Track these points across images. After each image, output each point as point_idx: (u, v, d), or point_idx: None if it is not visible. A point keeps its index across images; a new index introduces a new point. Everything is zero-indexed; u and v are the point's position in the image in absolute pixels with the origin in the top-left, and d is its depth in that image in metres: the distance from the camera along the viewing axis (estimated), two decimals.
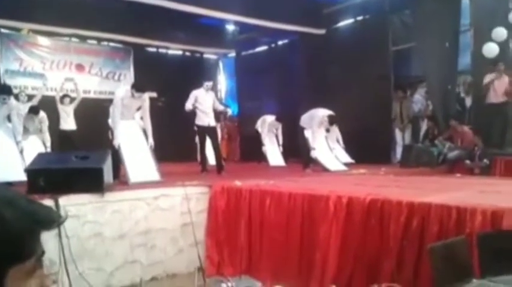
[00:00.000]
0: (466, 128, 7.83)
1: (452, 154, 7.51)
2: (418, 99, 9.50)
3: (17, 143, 6.33)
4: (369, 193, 4.06)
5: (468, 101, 8.95)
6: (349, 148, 9.11)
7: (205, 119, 7.48)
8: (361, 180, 6.09)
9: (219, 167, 7.43)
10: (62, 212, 0.76)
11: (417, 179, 6.01)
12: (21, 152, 6.31)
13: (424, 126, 9.21)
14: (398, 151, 9.16)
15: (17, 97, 7.71)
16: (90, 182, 4.61)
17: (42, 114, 7.86)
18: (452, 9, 8.37)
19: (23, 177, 5.35)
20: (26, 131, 7.17)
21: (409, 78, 10.08)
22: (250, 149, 11.15)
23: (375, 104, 9.19)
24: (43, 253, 0.73)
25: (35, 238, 0.72)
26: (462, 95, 9.24)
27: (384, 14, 9.41)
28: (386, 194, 4.06)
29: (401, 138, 9.51)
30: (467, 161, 7.13)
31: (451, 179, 6.13)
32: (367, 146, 8.70)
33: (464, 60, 8.64)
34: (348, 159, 8.75)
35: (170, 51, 12.52)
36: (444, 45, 8.33)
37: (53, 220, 0.74)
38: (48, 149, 7.61)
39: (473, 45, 8.22)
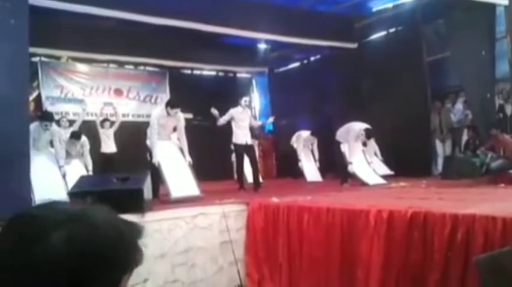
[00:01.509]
0: (507, 137, 7.58)
1: (495, 164, 7.27)
2: (458, 109, 9.28)
3: (60, 167, 6.55)
4: (410, 206, 3.98)
5: (508, 109, 8.68)
6: (388, 161, 8.95)
7: (243, 137, 7.53)
8: (402, 193, 5.97)
9: (257, 184, 7.45)
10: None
11: (460, 191, 5.84)
12: (63, 176, 6.53)
13: (464, 136, 8.97)
14: (439, 162, 8.95)
15: (58, 123, 7.99)
16: (131, 202, 4.71)
17: (84, 138, 8.11)
18: (487, 16, 8.19)
19: (66, 200, 5.53)
20: (68, 155, 7.42)
21: (446, 89, 9.88)
22: (286, 166, 11.14)
23: (412, 116, 9.03)
24: None
25: (138, 248, 0.77)
26: (501, 102, 8.98)
27: (416, 24, 9.29)
28: (428, 206, 3.96)
29: (442, 149, 9.30)
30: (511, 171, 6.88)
31: (494, 189, 5.93)
32: (406, 159, 8.52)
33: (502, 67, 8.41)
34: (387, 171, 8.59)
35: (204, 72, 12.74)
36: (480, 54, 8.14)
37: (142, 230, 0.79)
38: (90, 172, 7.82)
39: (510, 52, 8.01)
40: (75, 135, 7.93)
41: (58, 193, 6.11)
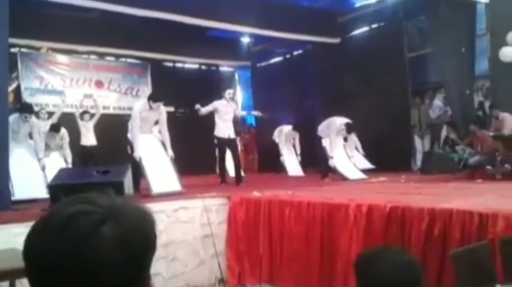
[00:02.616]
0: (486, 133, 7.72)
1: (472, 160, 7.41)
2: (437, 106, 9.42)
3: (39, 160, 6.47)
4: (389, 201, 4.04)
5: (487, 106, 8.84)
6: (368, 156, 9.06)
7: (226, 131, 7.51)
8: (381, 188, 6.05)
9: (238, 179, 7.46)
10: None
11: (438, 186, 5.94)
12: (43, 169, 6.45)
13: (443, 132, 9.11)
14: (418, 158, 9.07)
15: (37, 115, 7.86)
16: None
17: (63, 131, 8.00)
18: (467, 14, 8.31)
19: (45, 194, 5.48)
20: (47, 147, 7.32)
21: (426, 85, 10.02)
22: (268, 160, 11.18)
23: (392, 111, 9.13)
24: None
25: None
26: (481, 99, 9.14)
27: (398, 20, 9.38)
28: (407, 201, 4.03)
29: (420, 145, 9.43)
30: (489, 167, 7.01)
31: (472, 185, 6.05)
32: (386, 154, 8.64)
33: (482, 65, 8.55)
34: (368, 165, 8.68)
35: (186, 65, 12.66)
36: (460, 51, 8.27)
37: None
38: (70, 165, 7.73)
39: (489, 49, 8.15)
40: (54, 128, 7.82)
41: (37, 185, 6.04)
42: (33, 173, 6.27)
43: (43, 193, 5.78)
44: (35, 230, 0.71)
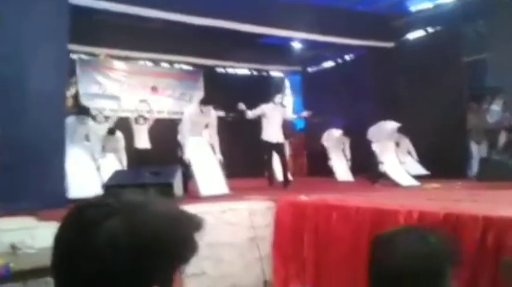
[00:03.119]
0: None
1: None
2: (495, 111, 9.01)
3: (95, 160, 6.75)
4: (442, 207, 3.91)
5: None
6: (422, 162, 8.78)
7: (273, 135, 7.53)
8: (435, 195, 5.85)
9: (286, 182, 7.46)
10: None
11: (494, 194, 5.68)
12: (98, 169, 6.72)
13: (502, 138, 8.70)
14: (474, 164, 8.71)
15: (94, 118, 8.22)
16: (161, 196, 4.80)
17: (119, 134, 8.31)
18: None
19: (100, 193, 5.71)
20: (103, 150, 7.64)
21: (484, 90, 9.61)
22: (317, 165, 11.10)
23: (448, 116, 8.82)
24: None
25: (195, 239, 0.79)
26: None
27: (455, 24, 9.06)
28: (461, 208, 3.89)
29: (477, 151, 9.05)
30: None
31: None
32: (441, 160, 8.34)
33: None
34: (422, 171, 8.42)
35: (238, 71, 12.83)
36: None
37: (203, 223, 0.82)
38: (125, 167, 8.02)
39: None
40: (110, 131, 8.15)
41: (93, 185, 6.29)
42: (88, 173, 6.54)
43: (98, 192, 6.02)
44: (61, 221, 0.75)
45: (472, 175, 8.52)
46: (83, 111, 7.26)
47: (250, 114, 7.55)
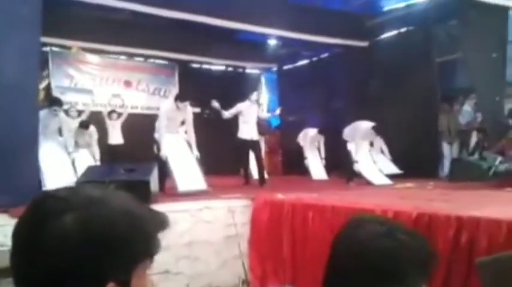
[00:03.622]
0: None
1: (502, 167, 7.22)
2: (466, 112, 9.23)
3: (69, 153, 6.62)
4: (415, 207, 3.98)
5: None
6: (395, 161, 8.94)
7: (249, 133, 7.56)
8: (407, 194, 5.96)
9: (262, 180, 7.47)
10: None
11: (466, 194, 5.83)
12: (72, 163, 6.60)
13: (473, 139, 8.92)
14: (446, 164, 8.90)
15: (67, 113, 8.06)
16: (137, 194, 4.68)
17: (92, 128, 8.17)
18: (499, 19, 8.13)
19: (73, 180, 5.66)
20: (76, 144, 7.50)
21: (456, 91, 9.83)
22: (292, 163, 11.15)
23: (420, 117, 8.99)
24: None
25: (157, 237, 0.77)
26: (511, 106, 8.91)
27: (428, 25, 9.22)
28: (434, 208, 3.97)
29: (449, 152, 9.25)
30: None
31: (501, 193, 5.90)
32: (413, 160, 8.50)
33: None
34: (395, 170, 8.56)
35: (213, 67, 12.75)
36: (491, 56, 8.09)
37: (167, 222, 0.79)
38: (98, 162, 7.88)
39: None
40: (83, 125, 7.99)
41: (68, 178, 6.19)
42: (63, 167, 6.44)
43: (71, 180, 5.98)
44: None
45: (443, 175, 8.71)
46: (55, 102, 7.07)
47: (227, 114, 7.55)
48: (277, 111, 9.66)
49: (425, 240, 1.10)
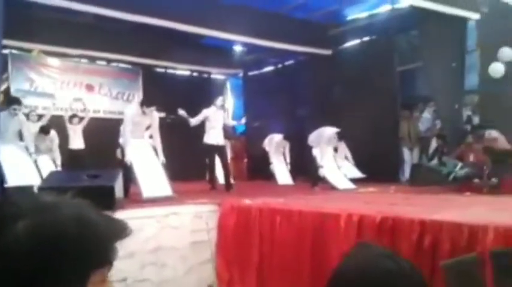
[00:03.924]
0: (479, 146, 7.79)
1: (461, 172, 7.49)
2: (426, 119, 9.53)
3: (30, 154, 6.42)
4: (380, 211, 4.07)
5: (476, 120, 8.97)
6: (357, 166, 9.13)
7: (215, 138, 7.55)
8: (371, 198, 6.09)
9: (228, 186, 7.46)
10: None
11: (427, 197, 6.00)
12: (35, 162, 6.42)
13: (433, 144, 9.21)
14: (407, 169, 9.16)
15: (27, 117, 7.81)
16: (101, 200, 4.57)
17: (53, 133, 7.95)
18: (458, 29, 8.45)
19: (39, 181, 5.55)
20: (37, 149, 7.26)
21: (416, 98, 10.13)
22: (257, 168, 11.19)
23: (382, 123, 9.22)
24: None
25: (113, 245, 0.76)
26: (469, 113, 9.26)
27: (389, 34, 9.49)
28: (397, 212, 4.06)
29: (409, 157, 9.51)
30: (476, 180, 7.09)
31: (460, 197, 6.11)
32: (375, 165, 8.70)
33: (471, 80, 8.69)
34: (358, 174, 8.73)
35: (178, 72, 12.66)
36: (451, 65, 8.39)
37: (127, 230, 0.78)
38: (59, 167, 7.67)
39: (480, 65, 8.28)
40: (44, 130, 7.77)
41: (31, 173, 6.04)
42: (25, 163, 6.25)
43: (37, 180, 5.84)
44: None
45: (404, 180, 8.95)
46: (13, 101, 6.80)
47: (194, 121, 7.52)
48: (243, 120, 9.71)
49: (421, 274, 1.17)
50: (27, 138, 6.53)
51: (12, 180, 5.77)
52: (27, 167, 6.26)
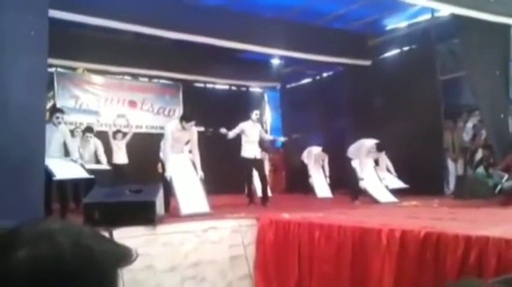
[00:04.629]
0: None
1: (507, 184, 7.18)
2: (470, 129, 9.24)
3: (75, 161, 6.59)
4: (423, 226, 3.96)
5: None
6: (400, 178, 8.88)
7: (252, 151, 7.56)
8: (414, 212, 5.93)
9: (265, 199, 7.45)
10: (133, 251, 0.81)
11: (472, 212, 5.79)
12: (82, 166, 6.62)
13: (478, 155, 8.90)
14: (451, 181, 8.89)
15: (72, 133, 8.06)
16: (142, 215, 4.74)
17: (97, 140, 8.21)
18: (501, 37, 8.17)
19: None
20: (81, 158, 7.44)
21: (460, 108, 9.84)
22: (296, 181, 11.13)
23: (425, 134, 9.00)
24: None
25: (116, 273, 0.75)
26: None
27: (430, 43, 9.30)
28: (441, 227, 3.94)
29: (454, 168, 9.23)
30: None
31: (507, 211, 5.87)
32: (418, 177, 8.45)
33: None
34: (401, 184, 8.49)
35: (217, 86, 12.83)
36: (495, 74, 8.11)
37: (130, 257, 0.77)
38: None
39: None
40: (88, 129, 8.03)
41: (79, 174, 6.27)
42: (70, 164, 6.47)
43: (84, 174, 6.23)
44: None
45: (448, 192, 8.68)
46: (56, 111, 6.90)
47: (231, 134, 7.59)
48: (281, 138, 9.71)
49: None
50: (70, 146, 6.66)
51: (60, 174, 5.99)
52: (74, 165, 6.44)
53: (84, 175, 6.28)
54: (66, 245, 0.70)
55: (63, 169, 6.19)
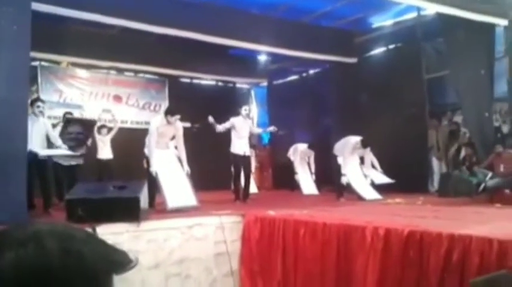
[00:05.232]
0: (509, 155, 7.57)
1: (491, 183, 7.28)
2: (447, 126, 9.34)
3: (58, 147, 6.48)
4: (407, 224, 3.99)
5: (505, 129, 8.73)
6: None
7: (241, 147, 7.54)
8: (398, 210, 5.97)
9: (246, 195, 7.45)
10: (132, 257, 0.78)
11: (456, 210, 5.85)
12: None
13: (462, 154, 8.99)
14: (436, 179, 8.97)
15: (54, 126, 7.94)
16: (126, 211, 4.70)
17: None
18: (486, 36, 8.25)
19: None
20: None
21: (444, 106, 9.93)
22: (282, 177, 11.14)
23: (409, 132, 9.06)
24: None
25: (109, 279, 0.73)
26: (499, 122, 9.02)
27: (416, 42, 9.35)
28: (425, 225, 3.97)
29: (438, 166, 9.31)
30: (507, 191, 6.88)
31: (491, 209, 5.94)
32: (403, 175, 8.49)
33: (501, 87, 8.45)
34: (387, 179, 8.53)
35: (203, 82, 12.77)
36: (479, 73, 8.19)
37: (126, 264, 0.75)
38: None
39: (509, 72, 8.07)
40: (67, 121, 7.94)
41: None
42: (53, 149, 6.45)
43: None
44: None
45: (433, 190, 8.76)
46: (36, 100, 6.64)
47: (220, 128, 7.53)
48: (271, 129, 9.70)
49: None
50: (52, 135, 6.50)
51: (44, 152, 5.97)
52: (58, 149, 6.39)
53: (68, 153, 6.25)
54: (55, 250, 0.68)
55: (47, 151, 6.16)
